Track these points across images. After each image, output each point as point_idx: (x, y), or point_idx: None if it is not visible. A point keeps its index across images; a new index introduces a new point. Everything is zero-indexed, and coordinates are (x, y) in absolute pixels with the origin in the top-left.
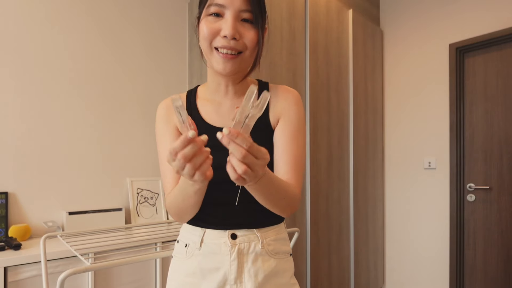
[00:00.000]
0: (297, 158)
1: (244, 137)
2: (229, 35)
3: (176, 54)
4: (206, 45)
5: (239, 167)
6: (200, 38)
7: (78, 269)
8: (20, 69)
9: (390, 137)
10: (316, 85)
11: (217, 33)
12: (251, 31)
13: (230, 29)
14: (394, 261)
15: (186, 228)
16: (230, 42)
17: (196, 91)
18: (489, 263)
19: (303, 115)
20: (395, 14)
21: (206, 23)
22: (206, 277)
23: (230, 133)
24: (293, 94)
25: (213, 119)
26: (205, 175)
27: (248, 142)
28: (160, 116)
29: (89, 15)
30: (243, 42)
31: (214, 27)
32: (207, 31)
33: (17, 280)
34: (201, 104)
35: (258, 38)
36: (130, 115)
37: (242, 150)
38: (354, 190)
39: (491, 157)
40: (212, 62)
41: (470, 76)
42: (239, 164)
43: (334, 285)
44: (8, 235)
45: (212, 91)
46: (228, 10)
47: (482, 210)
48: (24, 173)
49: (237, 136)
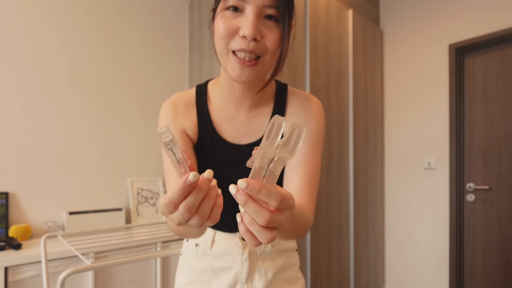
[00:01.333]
0: (313, 173)
1: (269, 191)
2: (249, 35)
3: (176, 54)
4: (222, 46)
5: (263, 235)
6: (215, 37)
7: (78, 269)
8: (20, 70)
9: (390, 137)
10: (316, 85)
11: (235, 32)
12: (274, 31)
13: (250, 28)
14: (394, 261)
15: None
16: (250, 44)
17: (206, 90)
18: (488, 263)
19: (323, 127)
20: (395, 14)
21: (222, 19)
22: (217, 275)
23: (249, 186)
24: (314, 104)
25: (226, 132)
26: (216, 221)
27: (277, 197)
28: (165, 117)
29: (89, 16)
30: (264, 44)
31: (232, 25)
32: (223, 30)
33: (18, 280)
34: (214, 110)
35: (282, 39)
36: (130, 115)
37: (267, 213)
38: (354, 190)
39: (490, 157)
40: (227, 66)
41: (470, 76)
42: (263, 231)
43: (334, 285)
44: (9, 235)
45: (225, 96)
46: (250, 4)
47: (481, 210)
48: (24, 173)
49: (260, 190)
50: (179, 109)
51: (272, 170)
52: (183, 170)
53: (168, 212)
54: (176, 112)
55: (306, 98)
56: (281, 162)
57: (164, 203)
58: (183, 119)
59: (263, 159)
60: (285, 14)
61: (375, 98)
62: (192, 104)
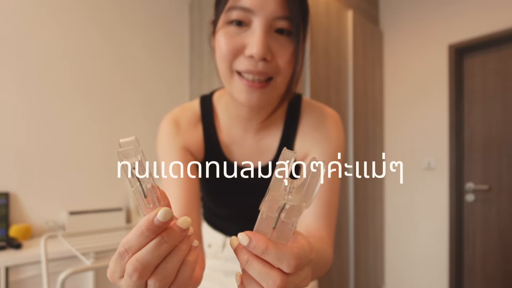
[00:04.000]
0: (331, 201)
1: (280, 252)
2: (258, 55)
3: (176, 55)
4: (224, 66)
5: None
6: (217, 56)
7: (78, 269)
8: (21, 70)
9: (389, 137)
10: (316, 86)
11: (241, 51)
12: (287, 48)
13: (259, 47)
14: (394, 261)
15: (209, 230)
16: (258, 64)
17: (212, 105)
18: (488, 263)
19: (342, 147)
20: (395, 15)
21: (225, 35)
22: (228, 276)
23: (251, 244)
24: (331, 122)
25: (234, 153)
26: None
27: (290, 261)
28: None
29: (90, 17)
30: (275, 64)
31: (237, 42)
32: (226, 49)
33: (18, 279)
34: (221, 129)
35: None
36: (130, 115)
37: (277, 276)
38: (354, 190)
39: (490, 157)
40: (232, 89)
41: (469, 76)
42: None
43: (334, 285)
44: (9, 235)
45: (231, 115)
46: (257, 17)
47: (481, 210)
48: (25, 173)
49: (266, 250)
50: (182, 125)
51: (286, 222)
52: (151, 207)
53: (120, 268)
54: (178, 127)
55: (322, 115)
56: (296, 211)
57: (118, 253)
58: (186, 136)
59: (272, 206)
60: (299, 27)
61: (375, 98)
62: (197, 120)
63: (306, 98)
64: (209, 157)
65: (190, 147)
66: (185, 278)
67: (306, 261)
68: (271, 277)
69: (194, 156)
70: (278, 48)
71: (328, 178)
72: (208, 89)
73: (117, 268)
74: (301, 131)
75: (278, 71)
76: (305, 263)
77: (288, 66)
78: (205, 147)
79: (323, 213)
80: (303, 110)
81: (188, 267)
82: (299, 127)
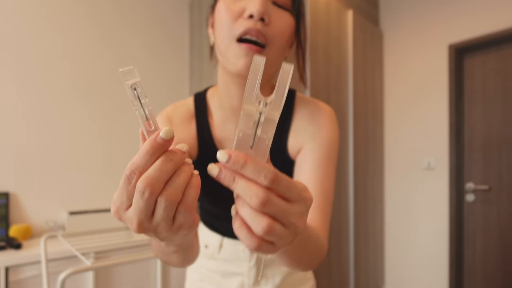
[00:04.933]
0: (325, 193)
1: (257, 165)
2: (257, 12)
3: (176, 55)
4: (225, 33)
5: (257, 222)
6: (217, 25)
7: (78, 269)
8: (21, 70)
9: (389, 137)
10: (316, 86)
11: (240, 15)
12: (285, 18)
13: (258, 5)
14: (394, 261)
15: (205, 231)
16: (257, 23)
17: (206, 101)
18: (488, 263)
19: (336, 140)
20: (395, 15)
21: (225, 3)
22: (226, 277)
23: (231, 159)
24: (325, 115)
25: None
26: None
27: (267, 173)
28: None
29: (90, 16)
30: (272, 29)
31: (237, 7)
32: (226, 14)
33: (18, 279)
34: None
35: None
36: (131, 116)
37: (259, 189)
38: (354, 190)
39: (490, 157)
40: (229, 58)
41: (469, 76)
42: (258, 217)
43: (334, 284)
44: (9, 235)
45: (224, 109)
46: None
47: (481, 210)
48: (25, 173)
49: (245, 164)
50: (176, 122)
51: (262, 137)
52: (153, 129)
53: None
54: (171, 124)
55: (316, 108)
56: (270, 124)
57: (125, 176)
58: (179, 133)
59: (247, 122)
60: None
61: (375, 98)
62: (190, 117)
63: (299, 94)
64: (202, 153)
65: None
66: (190, 200)
67: (295, 190)
68: (254, 191)
69: (188, 153)
70: (276, 16)
71: (323, 171)
72: None
73: (123, 197)
74: (294, 125)
75: (274, 37)
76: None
77: (282, 36)
78: (198, 144)
79: (317, 204)
80: (296, 104)
81: (193, 189)
82: (292, 121)
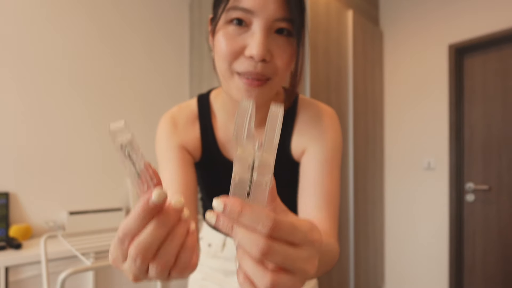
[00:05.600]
0: (332, 192)
1: (255, 212)
2: (257, 56)
3: (176, 55)
4: (224, 67)
5: (261, 279)
6: (216, 56)
7: (78, 269)
8: (21, 70)
9: (389, 137)
10: (316, 86)
11: (241, 52)
12: (286, 49)
13: (259, 48)
14: (394, 261)
15: (208, 230)
16: (258, 65)
17: (209, 103)
18: (488, 263)
19: (340, 142)
20: (395, 15)
21: (225, 36)
22: (228, 275)
23: (227, 209)
24: (328, 118)
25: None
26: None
27: (266, 221)
28: (164, 131)
29: (89, 16)
30: (273, 65)
31: (237, 44)
32: (226, 50)
33: (18, 279)
34: (219, 128)
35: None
36: (130, 115)
37: (259, 238)
38: (354, 190)
39: (490, 157)
40: (230, 88)
41: (469, 76)
42: (260, 272)
43: (334, 284)
44: (9, 235)
45: (229, 113)
46: (258, 18)
47: (481, 210)
48: (25, 173)
49: (242, 212)
50: (180, 124)
51: (259, 181)
52: (145, 188)
53: (122, 254)
54: (176, 127)
55: (318, 110)
56: (266, 167)
57: (118, 238)
58: (184, 135)
59: (242, 166)
60: (299, 28)
61: (375, 98)
62: (194, 119)
63: (302, 96)
64: (206, 155)
65: (187, 146)
66: (184, 262)
67: (300, 233)
68: (253, 240)
69: (192, 154)
70: (277, 49)
71: (328, 171)
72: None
73: (118, 253)
74: (297, 128)
75: (276, 71)
76: (305, 240)
77: (286, 67)
78: (202, 145)
79: (325, 204)
80: (299, 107)
81: (187, 251)
82: (295, 124)
